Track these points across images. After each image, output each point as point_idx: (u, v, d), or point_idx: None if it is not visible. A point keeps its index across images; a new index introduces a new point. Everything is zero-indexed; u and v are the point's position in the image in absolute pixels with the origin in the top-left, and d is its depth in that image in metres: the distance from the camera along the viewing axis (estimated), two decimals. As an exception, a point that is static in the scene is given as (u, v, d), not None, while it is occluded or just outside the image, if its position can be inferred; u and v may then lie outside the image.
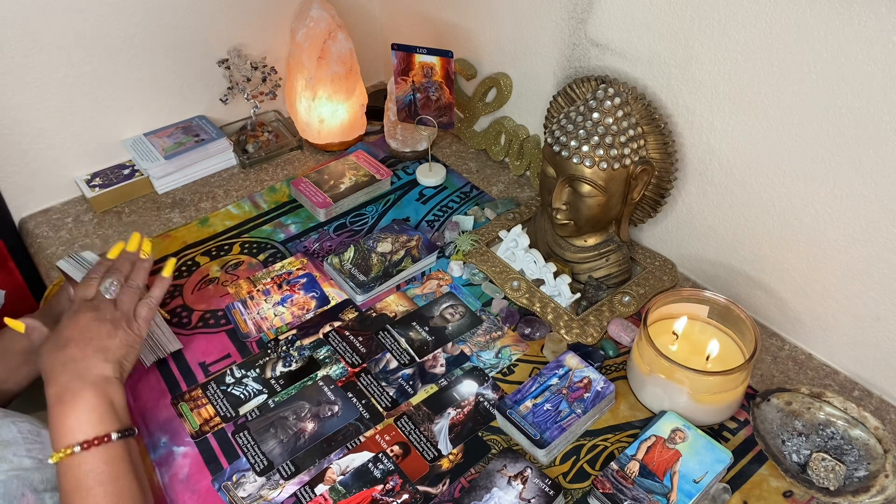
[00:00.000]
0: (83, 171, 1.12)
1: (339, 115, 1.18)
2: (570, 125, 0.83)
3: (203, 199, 1.12)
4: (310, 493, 0.71)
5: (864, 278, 0.77)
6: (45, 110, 1.04)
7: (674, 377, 0.73)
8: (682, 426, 0.73)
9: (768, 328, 0.90)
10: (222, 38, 1.16)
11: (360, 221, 1.08)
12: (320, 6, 1.10)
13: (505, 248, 0.97)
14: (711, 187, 0.88)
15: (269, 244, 1.03)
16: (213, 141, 1.15)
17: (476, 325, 0.89)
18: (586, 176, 0.82)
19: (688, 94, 0.85)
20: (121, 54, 1.07)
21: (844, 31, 0.67)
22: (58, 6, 0.98)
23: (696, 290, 0.81)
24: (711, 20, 0.78)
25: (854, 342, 0.82)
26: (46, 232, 1.07)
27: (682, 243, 0.97)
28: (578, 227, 0.88)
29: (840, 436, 0.74)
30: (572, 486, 0.72)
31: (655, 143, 0.86)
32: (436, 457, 0.74)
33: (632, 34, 0.87)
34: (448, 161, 1.20)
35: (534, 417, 0.74)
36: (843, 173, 0.73)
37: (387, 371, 0.84)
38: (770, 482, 0.72)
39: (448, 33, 1.19)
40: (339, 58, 1.12)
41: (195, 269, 0.98)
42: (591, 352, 0.84)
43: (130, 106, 1.13)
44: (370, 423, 0.78)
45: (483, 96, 1.16)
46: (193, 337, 0.89)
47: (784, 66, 0.73)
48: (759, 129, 0.79)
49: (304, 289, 0.95)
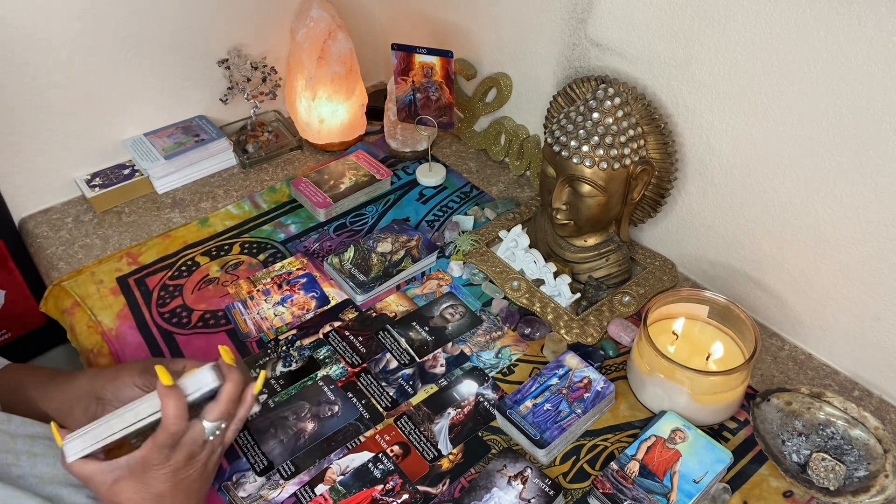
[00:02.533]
0: (83, 171, 1.12)
1: (339, 115, 1.18)
2: (570, 125, 0.83)
3: (203, 199, 1.12)
4: (310, 493, 0.71)
5: (864, 278, 0.77)
6: (45, 110, 1.04)
7: (674, 377, 0.73)
8: (682, 426, 0.73)
9: (768, 328, 0.90)
10: (222, 38, 1.16)
11: (360, 221, 1.08)
12: (320, 6, 1.10)
13: (505, 248, 0.97)
14: (711, 187, 0.88)
15: (269, 244, 1.03)
16: (213, 141, 1.15)
17: (476, 325, 0.89)
18: (586, 176, 0.82)
19: (688, 94, 0.85)
20: (121, 54, 1.07)
21: (844, 31, 0.67)
22: (58, 6, 0.98)
23: (696, 290, 0.81)
24: (711, 20, 0.78)
25: (854, 342, 0.82)
26: (46, 232, 1.07)
27: (682, 243, 0.97)
28: (578, 227, 0.88)
29: (840, 436, 0.74)
30: (572, 486, 0.72)
31: (655, 143, 0.86)
32: (436, 457, 0.74)
33: (632, 34, 0.87)
34: (448, 161, 1.20)
35: (534, 417, 0.74)
36: (843, 173, 0.73)
37: (387, 371, 0.84)
38: (770, 482, 0.72)
39: (448, 33, 1.19)
40: (339, 58, 1.12)
41: (195, 269, 0.98)
42: (591, 352, 0.84)
43: (130, 106, 1.13)
44: (370, 423, 0.78)
45: (483, 96, 1.16)
46: (193, 337, 0.88)
47: (784, 66, 0.73)
48: (760, 129, 0.79)
49: (304, 289, 0.95)
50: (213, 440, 0.61)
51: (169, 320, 0.91)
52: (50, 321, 1.01)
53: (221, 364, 0.62)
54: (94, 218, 1.09)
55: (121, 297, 0.94)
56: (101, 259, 1.00)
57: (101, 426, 0.59)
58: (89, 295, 0.94)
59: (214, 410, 0.60)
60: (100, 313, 0.92)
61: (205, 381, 0.61)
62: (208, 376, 0.61)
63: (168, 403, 0.57)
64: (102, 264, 0.99)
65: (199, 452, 0.61)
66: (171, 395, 0.57)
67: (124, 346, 0.88)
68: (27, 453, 0.62)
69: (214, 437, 0.61)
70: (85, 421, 0.62)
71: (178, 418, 0.57)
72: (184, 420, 0.58)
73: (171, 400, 0.57)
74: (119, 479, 0.58)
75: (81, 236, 1.06)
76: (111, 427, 0.59)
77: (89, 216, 1.09)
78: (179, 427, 0.58)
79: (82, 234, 1.06)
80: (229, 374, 0.61)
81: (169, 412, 0.57)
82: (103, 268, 0.99)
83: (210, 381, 0.61)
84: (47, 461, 0.62)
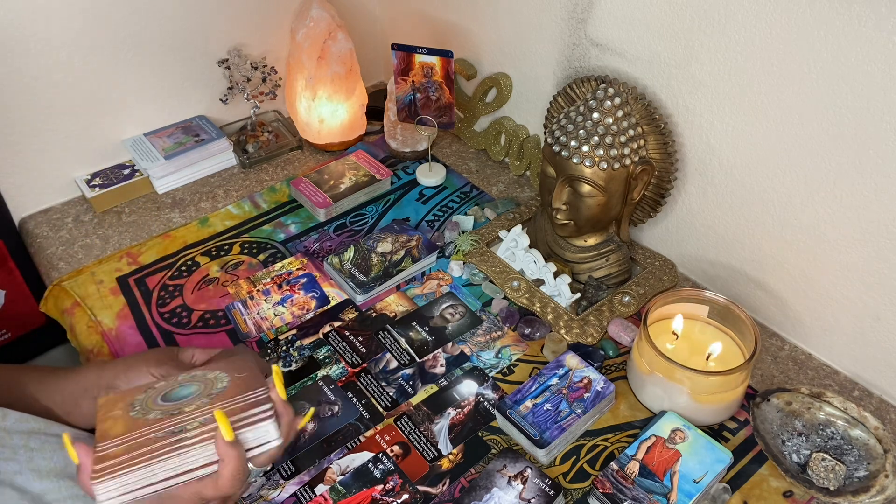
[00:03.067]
0: (83, 171, 1.12)
1: (339, 115, 1.18)
2: (570, 125, 0.83)
3: (203, 199, 1.12)
4: (310, 493, 0.71)
5: (864, 278, 0.77)
6: (45, 110, 1.04)
7: (674, 377, 0.73)
8: (682, 426, 0.73)
9: (768, 328, 0.90)
10: (222, 38, 1.16)
11: (360, 221, 1.08)
12: (320, 6, 1.10)
13: (505, 248, 0.97)
14: (711, 187, 0.88)
15: (269, 244, 1.03)
16: (213, 141, 1.15)
17: (476, 325, 0.89)
18: (586, 176, 0.82)
19: (688, 94, 0.85)
20: (121, 54, 1.07)
21: (844, 31, 0.67)
22: (58, 6, 0.98)
23: (696, 290, 0.81)
24: (711, 20, 0.78)
25: (854, 342, 0.82)
26: (46, 232, 1.07)
27: (682, 243, 0.97)
28: (578, 227, 0.88)
29: (840, 436, 0.74)
30: (572, 486, 0.72)
31: (655, 143, 0.86)
32: (436, 457, 0.74)
33: (632, 34, 0.87)
34: (448, 161, 1.20)
35: (534, 417, 0.74)
36: (843, 173, 0.73)
37: (387, 371, 0.84)
38: (770, 482, 0.72)
39: (448, 33, 1.19)
40: (339, 58, 1.12)
41: (195, 269, 0.98)
42: (591, 352, 0.84)
43: (130, 106, 1.13)
44: (370, 423, 0.78)
45: (483, 96, 1.16)
46: (193, 337, 0.88)
47: (784, 66, 0.73)
48: (759, 129, 0.79)
49: (304, 289, 0.95)
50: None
51: (169, 320, 0.91)
52: (50, 321, 1.01)
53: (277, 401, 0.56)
54: (94, 218, 1.09)
55: (121, 297, 0.94)
56: (101, 259, 1.00)
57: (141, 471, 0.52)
58: (89, 295, 0.94)
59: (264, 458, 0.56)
60: (100, 313, 0.92)
61: (266, 436, 0.56)
62: (271, 432, 0.56)
63: (229, 463, 0.52)
64: (102, 264, 0.99)
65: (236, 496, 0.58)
66: (233, 455, 0.52)
67: (124, 346, 0.88)
68: (24, 447, 0.61)
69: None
70: (94, 412, 0.58)
71: (236, 480, 0.53)
72: (242, 481, 0.53)
73: (233, 460, 0.52)
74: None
75: (81, 236, 1.06)
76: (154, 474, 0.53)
77: (89, 216, 1.09)
78: (235, 490, 0.53)
79: (82, 234, 1.06)
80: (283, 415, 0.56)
81: (227, 472, 0.52)
82: (103, 268, 0.99)
83: (272, 437, 0.56)
84: (44, 455, 0.62)
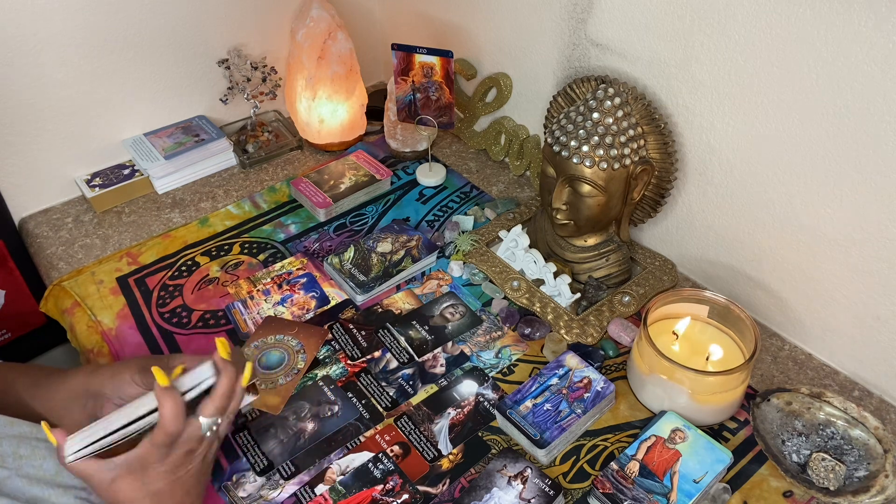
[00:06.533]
0: (83, 171, 1.12)
1: (339, 115, 1.18)
2: (570, 125, 0.83)
3: (203, 199, 1.12)
4: (310, 493, 0.71)
5: (864, 278, 0.77)
6: (45, 110, 1.04)
7: (674, 377, 0.73)
8: (682, 426, 0.73)
9: (768, 328, 0.90)
10: (222, 38, 1.16)
11: (360, 221, 1.08)
12: (320, 6, 1.10)
13: (505, 248, 0.97)
14: (711, 187, 0.88)
15: (269, 244, 1.03)
16: (213, 141, 1.15)
17: (476, 325, 0.89)
18: (586, 176, 0.82)
19: (688, 94, 0.85)
20: (120, 54, 1.07)
21: (844, 31, 0.67)
22: (58, 6, 0.98)
23: (696, 290, 0.81)
24: (711, 20, 0.78)
25: (854, 342, 0.82)
26: (46, 232, 1.07)
27: (682, 243, 0.97)
28: (578, 227, 0.88)
29: (840, 436, 0.74)
30: (572, 486, 0.72)
31: (655, 143, 0.86)
32: (436, 457, 0.74)
33: (632, 34, 0.87)
34: (448, 161, 1.20)
35: (534, 417, 0.74)
36: (843, 173, 0.73)
37: (387, 371, 0.84)
38: (770, 482, 0.72)
39: (448, 33, 1.19)
40: (339, 58, 1.12)
41: (195, 269, 0.98)
42: (591, 352, 0.84)
43: (130, 106, 1.13)
44: (370, 423, 0.78)
45: (483, 96, 1.16)
46: (193, 337, 0.89)
47: (784, 66, 0.73)
48: (759, 129, 0.79)
49: (304, 289, 0.95)
50: (210, 436, 0.61)
51: (169, 320, 0.91)
52: (50, 321, 1.01)
53: (216, 358, 0.62)
54: (94, 218, 1.09)
55: (121, 297, 0.94)
56: (101, 259, 1.00)
57: (98, 426, 0.59)
58: (89, 295, 0.94)
59: (209, 406, 0.60)
60: (100, 313, 0.92)
61: (201, 377, 0.61)
62: (206, 372, 0.61)
63: (165, 404, 0.57)
64: (102, 264, 0.99)
65: (197, 449, 0.61)
66: (168, 396, 0.58)
67: (124, 346, 0.88)
68: (13, 455, 0.61)
69: (210, 433, 0.61)
70: (83, 419, 0.62)
71: (174, 418, 0.58)
72: (181, 420, 0.58)
73: (168, 400, 0.57)
74: (118, 477, 0.58)
75: (81, 236, 1.06)
76: (108, 427, 0.59)
77: (89, 216, 1.09)
78: (176, 427, 0.58)
79: (82, 234, 1.06)
80: (224, 369, 0.61)
81: (166, 412, 0.57)
82: (103, 268, 0.99)
83: (207, 377, 0.61)
84: (34, 463, 0.62)
